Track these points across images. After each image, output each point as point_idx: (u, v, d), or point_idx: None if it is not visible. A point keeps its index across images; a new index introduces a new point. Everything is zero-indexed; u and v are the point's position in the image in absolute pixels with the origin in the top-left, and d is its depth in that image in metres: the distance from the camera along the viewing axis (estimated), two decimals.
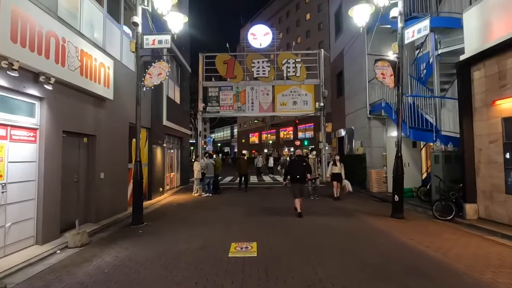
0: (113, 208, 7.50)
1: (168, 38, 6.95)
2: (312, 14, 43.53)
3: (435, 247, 4.81)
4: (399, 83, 6.89)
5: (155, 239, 5.50)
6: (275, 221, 6.78)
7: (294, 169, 7.44)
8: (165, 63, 7.01)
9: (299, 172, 7.35)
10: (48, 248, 4.95)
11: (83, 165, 6.69)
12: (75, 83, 5.81)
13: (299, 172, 7.35)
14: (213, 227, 6.34)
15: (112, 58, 7.30)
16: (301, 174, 7.35)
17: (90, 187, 6.78)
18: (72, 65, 5.68)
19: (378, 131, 12.15)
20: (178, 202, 10.13)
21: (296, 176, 7.32)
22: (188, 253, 4.67)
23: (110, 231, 6.33)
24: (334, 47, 17.28)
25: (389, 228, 6.04)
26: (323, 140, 17.44)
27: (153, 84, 7.02)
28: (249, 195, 11.58)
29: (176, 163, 14.27)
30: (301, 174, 7.35)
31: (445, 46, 9.26)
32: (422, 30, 6.35)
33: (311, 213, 7.55)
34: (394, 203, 6.99)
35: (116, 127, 7.71)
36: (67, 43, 5.52)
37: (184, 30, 15.44)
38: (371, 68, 12.38)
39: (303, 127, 43.34)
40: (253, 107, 17.34)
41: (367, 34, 12.23)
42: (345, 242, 5.16)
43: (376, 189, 11.30)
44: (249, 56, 17.21)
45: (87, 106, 6.53)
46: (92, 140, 6.87)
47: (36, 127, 5.16)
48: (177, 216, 7.72)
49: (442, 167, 7.59)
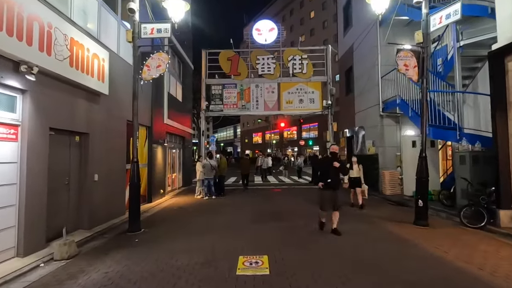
0: (109, 212, 6.89)
1: (168, 27, 6.32)
2: (317, 12, 42.82)
3: (476, 263, 4.13)
4: (424, 75, 6.20)
5: (152, 251, 4.86)
6: (286, 229, 6.12)
7: (323, 171, 5.73)
8: (165, 54, 6.39)
9: (331, 174, 5.59)
10: (30, 261, 4.34)
11: (75, 166, 6.08)
12: (64, 75, 5.20)
13: (330, 174, 5.59)
14: (217, 236, 5.69)
15: (107, 50, 6.70)
16: (334, 178, 5.60)
17: (82, 190, 6.18)
18: (60, 55, 5.07)
19: (391, 129, 11.45)
20: (179, 205, 9.51)
21: (326, 180, 5.60)
22: (189, 269, 4.03)
23: (104, 239, 5.72)
24: (342, 43, 16.58)
25: (416, 238, 5.35)
26: (330, 139, 16.73)
27: (151, 77, 6.40)
28: (254, 197, 10.93)
29: (178, 163, 13.66)
30: (334, 177, 5.60)
31: (468, 38, 8.54)
32: (452, 15, 5.66)
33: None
34: (418, 209, 6.30)
35: (112, 124, 7.10)
36: (54, 30, 4.92)
37: (187, 24, 14.86)
38: (384, 63, 11.78)
39: (307, 127, 42.64)
40: (257, 105, 16.67)
41: (380, 27, 11.58)
42: (371, 255, 4.49)
43: (389, 192, 10.60)
44: (254, 52, 16.55)
45: (79, 101, 5.92)
46: (84, 138, 6.26)
47: (18, 124, 4.56)
48: (178, 221, 7.09)
49: (469, 168, 6.89)
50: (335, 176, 5.65)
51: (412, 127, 10.60)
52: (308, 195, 11.14)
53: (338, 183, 5.80)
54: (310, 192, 12.16)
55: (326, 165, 5.68)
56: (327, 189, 5.62)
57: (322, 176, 5.70)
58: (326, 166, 5.68)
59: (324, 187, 5.64)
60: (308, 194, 11.50)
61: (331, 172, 5.59)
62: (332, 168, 5.58)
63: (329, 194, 5.63)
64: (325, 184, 5.61)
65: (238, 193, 12.08)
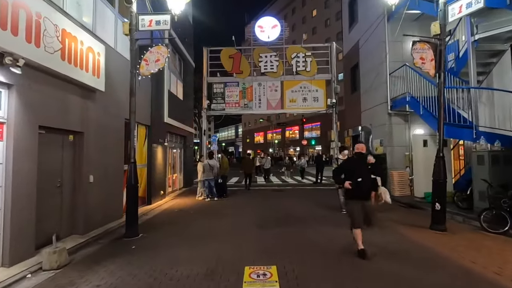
0: (105, 216, 6.51)
1: (168, 19, 5.93)
2: (319, 11, 42.41)
3: (509, 275, 3.71)
4: (441, 69, 5.78)
5: (150, 259, 4.47)
6: (294, 235, 5.71)
7: (352, 176, 4.31)
8: (164, 48, 6.00)
9: (363, 180, 4.28)
10: (16, 272, 3.96)
11: (68, 166, 5.70)
12: (55, 69, 4.82)
13: (362, 180, 4.27)
14: (220, 242, 5.29)
15: (103, 44, 6.31)
16: (366, 185, 4.37)
17: (76, 192, 5.80)
18: (50, 47, 4.69)
19: (400, 128, 11.03)
20: (180, 207, 9.12)
21: (358, 187, 4.25)
22: (189, 282, 3.64)
23: (99, 245, 5.33)
24: (347, 40, 16.15)
25: (436, 245, 4.93)
26: (335, 139, 16.32)
27: (150, 72, 6.01)
28: (258, 199, 10.53)
29: (179, 163, 13.28)
30: (366, 184, 4.36)
31: (483, 31, 8.10)
32: (473, 3, 5.24)
33: (335, 224, 6.48)
34: (435, 213, 5.87)
35: (108, 123, 6.71)
36: (43, 20, 4.53)
37: (188, 21, 14.47)
38: (392, 60, 11.37)
39: (309, 126, 42.21)
40: (260, 104, 16.25)
41: (388, 22, 11.16)
42: (391, 265, 4.07)
43: (398, 193, 10.17)
44: (256, 50, 16.13)
45: (72, 98, 5.54)
46: (79, 137, 5.88)
47: (3, 121, 4.18)
48: (178, 225, 6.70)
49: (489, 169, 6.46)
50: (367, 177, 4.36)
51: (422, 126, 10.16)
52: (313, 196, 10.74)
53: (370, 188, 4.46)
54: (315, 193, 11.76)
55: (358, 167, 4.43)
56: (358, 199, 4.34)
57: (353, 184, 4.32)
58: (357, 168, 4.40)
59: (355, 196, 4.31)
60: (313, 195, 11.10)
61: (364, 177, 4.31)
62: (363, 167, 4.41)
63: (361, 207, 4.32)
64: (357, 193, 4.25)
65: (241, 194, 11.69)
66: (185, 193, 12.24)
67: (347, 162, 4.78)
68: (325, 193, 11.74)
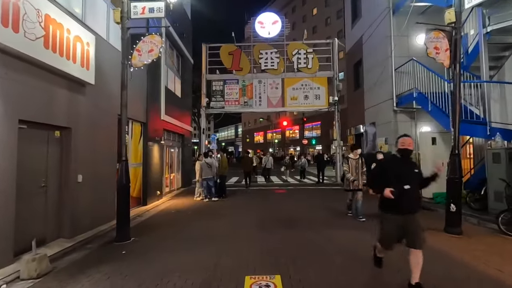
0: (95, 218, 6.08)
1: (162, 6, 5.51)
2: (319, 9, 42.00)
3: None
4: (456, 59, 5.36)
5: (141, 267, 4.05)
6: (298, 239, 5.29)
7: (396, 181, 3.12)
8: (158, 37, 5.57)
9: (411, 188, 3.13)
10: None
11: (54, 165, 5.27)
12: (37, 57, 4.39)
13: (410, 188, 3.12)
14: (218, 247, 4.86)
15: (93, 34, 5.89)
16: (413, 195, 3.16)
17: (63, 193, 5.37)
18: (32, 33, 4.26)
19: (405, 126, 10.56)
20: (177, 208, 8.70)
21: (404, 196, 3.06)
22: None
23: (86, 250, 4.91)
24: (350, 36, 15.73)
25: (454, 250, 4.52)
26: (337, 138, 15.94)
27: (142, 63, 5.59)
28: (258, 199, 10.10)
29: (177, 162, 12.85)
30: (412, 194, 3.16)
31: (495, 23, 7.69)
32: None
33: (342, 227, 6.07)
34: (449, 215, 5.46)
35: (99, 119, 6.29)
36: (22, 2, 4.11)
37: (186, 16, 14.04)
38: (397, 55, 10.96)
39: (309, 126, 41.79)
40: (260, 102, 15.87)
41: (393, 16, 10.75)
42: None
43: None
44: (257, 46, 15.76)
45: (59, 91, 5.12)
46: (66, 134, 5.45)
47: None
48: (174, 228, 6.27)
49: (506, 168, 6.05)
50: (415, 184, 3.21)
51: (430, 123, 9.75)
52: (316, 197, 10.33)
53: (417, 203, 3.27)
54: (318, 193, 11.34)
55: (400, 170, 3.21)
56: (398, 213, 3.12)
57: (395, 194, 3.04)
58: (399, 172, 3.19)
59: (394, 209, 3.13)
60: (316, 196, 10.68)
61: (408, 177, 3.18)
62: (411, 171, 3.24)
63: (400, 223, 3.10)
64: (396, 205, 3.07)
65: (240, 194, 11.27)
66: (183, 193, 11.82)
67: (389, 163, 3.56)
68: (327, 193, 11.34)
